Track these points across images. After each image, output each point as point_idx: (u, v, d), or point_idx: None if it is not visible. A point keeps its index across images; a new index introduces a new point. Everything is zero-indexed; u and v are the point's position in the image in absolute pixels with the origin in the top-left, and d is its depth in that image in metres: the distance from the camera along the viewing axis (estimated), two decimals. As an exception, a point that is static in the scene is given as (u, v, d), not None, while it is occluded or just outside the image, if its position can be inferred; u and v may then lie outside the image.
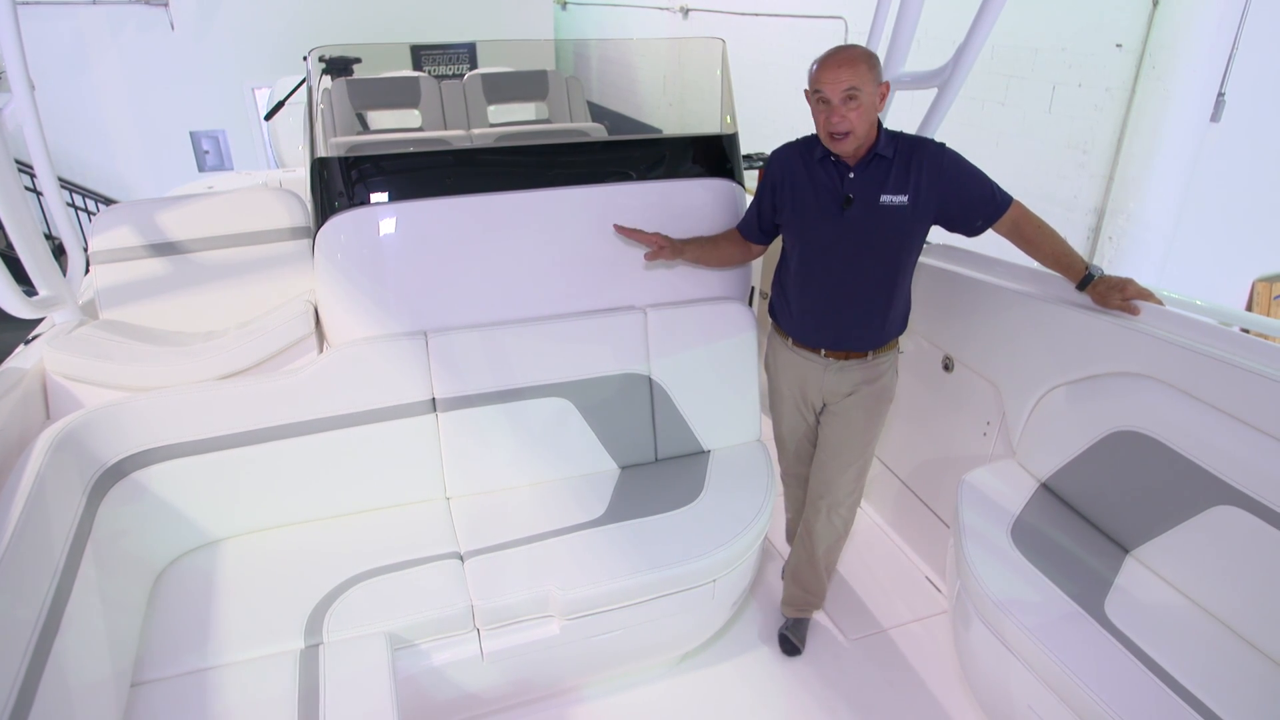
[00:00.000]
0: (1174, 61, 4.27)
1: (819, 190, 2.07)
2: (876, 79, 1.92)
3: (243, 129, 9.79)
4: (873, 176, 2.01)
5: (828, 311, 2.14)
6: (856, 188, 2.02)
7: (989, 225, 2.04)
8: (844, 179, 2.03)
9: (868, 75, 1.89)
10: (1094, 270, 2.04)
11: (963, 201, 2.02)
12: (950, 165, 2.00)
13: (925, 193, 1.98)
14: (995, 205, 2.02)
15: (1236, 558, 1.72)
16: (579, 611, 2.01)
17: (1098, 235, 4.85)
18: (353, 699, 1.68)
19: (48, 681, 1.38)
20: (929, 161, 1.98)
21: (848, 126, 1.92)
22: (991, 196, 2.02)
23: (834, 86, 1.90)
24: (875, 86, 1.92)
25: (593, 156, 2.53)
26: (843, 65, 1.89)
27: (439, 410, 2.26)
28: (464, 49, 5.32)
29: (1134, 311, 1.99)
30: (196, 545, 2.13)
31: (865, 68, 1.89)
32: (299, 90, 5.15)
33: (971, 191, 2.01)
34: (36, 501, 1.60)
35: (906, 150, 2.00)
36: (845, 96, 1.89)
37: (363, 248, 2.24)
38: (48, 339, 2.23)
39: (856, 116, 1.91)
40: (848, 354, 2.14)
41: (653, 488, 2.36)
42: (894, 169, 2.00)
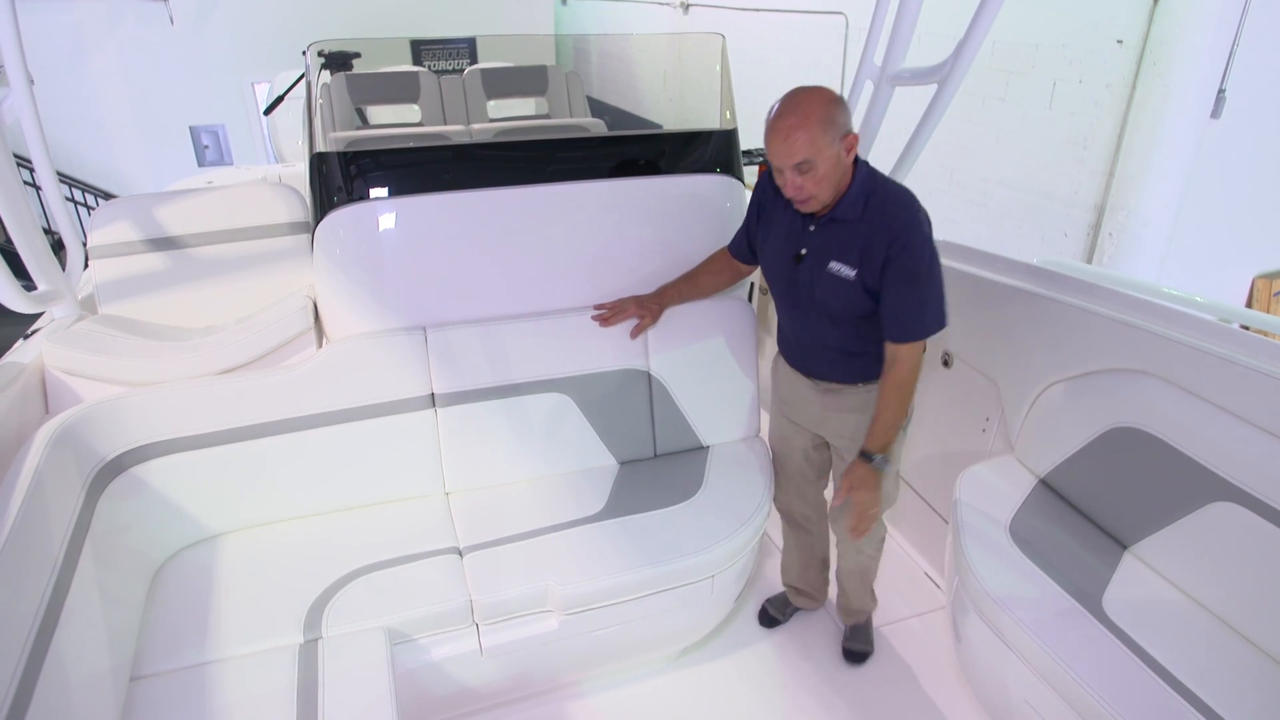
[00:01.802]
0: (1174, 57, 4.26)
1: (782, 233, 1.96)
2: (836, 136, 1.70)
3: (242, 124, 9.78)
4: (828, 238, 1.84)
5: (801, 344, 2.07)
6: (811, 244, 1.88)
7: (890, 338, 1.84)
8: (804, 230, 1.90)
9: (822, 138, 1.68)
10: (877, 460, 1.91)
11: (886, 298, 1.80)
12: (900, 265, 1.76)
13: (870, 273, 1.79)
14: (910, 326, 1.80)
15: (1234, 554, 1.72)
16: (577, 606, 2.01)
17: (1097, 232, 4.85)
18: (351, 693, 1.68)
19: (47, 675, 1.38)
20: (887, 244, 1.75)
21: (804, 195, 1.76)
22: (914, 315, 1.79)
23: (784, 159, 1.71)
24: (835, 146, 1.70)
25: (592, 152, 2.53)
26: (792, 133, 1.68)
27: (438, 405, 2.26)
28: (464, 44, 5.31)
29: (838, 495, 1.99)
30: (195, 540, 2.13)
31: (819, 130, 1.67)
32: (298, 85, 5.14)
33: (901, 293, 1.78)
34: (35, 496, 1.60)
35: (873, 218, 1.78)
36: (797, 168, 1.72)
37: (362, 243, 2.24)
38: (47, 333, 2.23)
39: (813, 184, 1.73)
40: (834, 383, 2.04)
41: (651, 483, 2.36)
42: (851, 236, 1.80)
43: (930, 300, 1.81)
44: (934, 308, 1.82)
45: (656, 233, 2.44)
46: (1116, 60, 4.54)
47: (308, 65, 3.14)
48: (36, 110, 2.23)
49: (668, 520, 2.18)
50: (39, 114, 2.24)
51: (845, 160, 1.76)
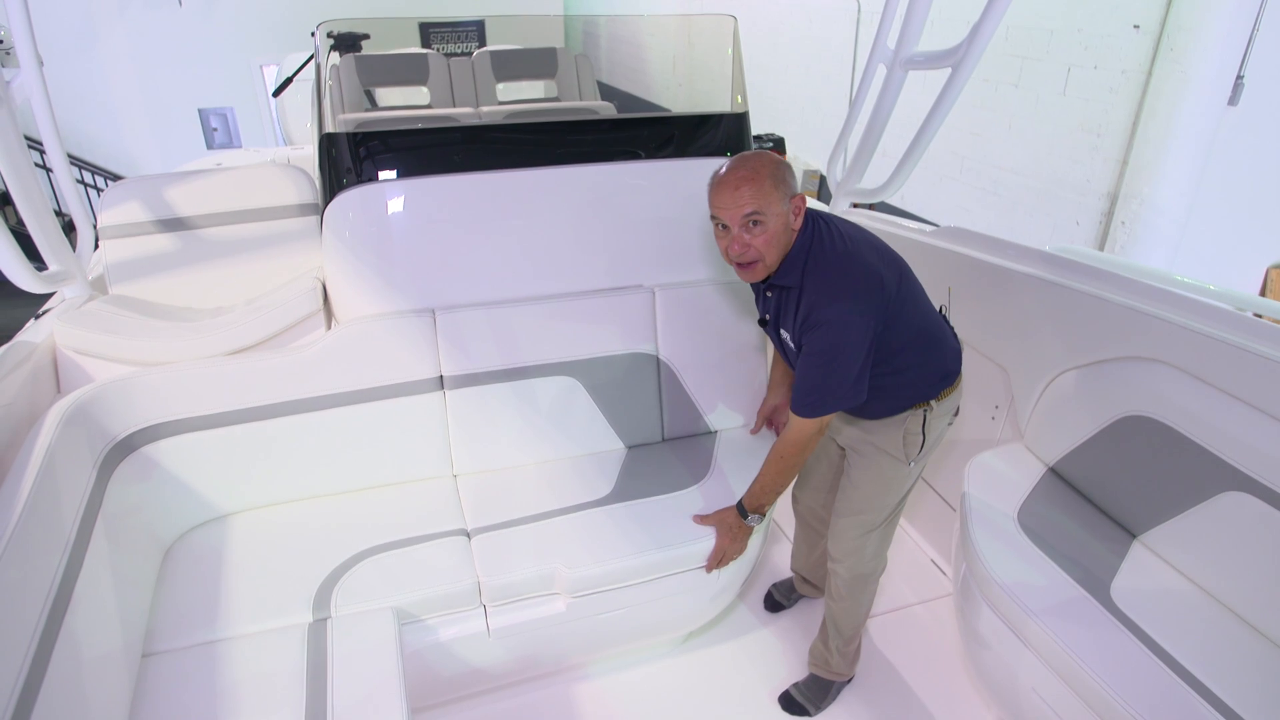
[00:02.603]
0: (1192, 43, 4.20)
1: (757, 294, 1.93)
2: (785, 195, 1.66)
3: (251, 106, 9.78)
4: (777, 305, 1.81)
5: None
6: (769, 310, 1.85)
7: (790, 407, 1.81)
8: (763, 296, 1.86)
9: (774, 193, 1.64)
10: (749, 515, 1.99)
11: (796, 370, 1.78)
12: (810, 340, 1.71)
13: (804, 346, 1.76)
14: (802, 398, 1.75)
15: (1245, 544, 1.71)
16: (584, 589, 2.02)
17: (1110, 220, 4.81)
18: (360, 672, 1.70)
19: (60, 651, 1.39)
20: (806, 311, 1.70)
21: (753, 255, 1.68)
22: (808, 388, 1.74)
23: (733, 211, 1.65)
24: (784, 205, 1.66)
25: (602, 134, 2.51)
26: (743, 184, 1.63)
27: (446, 388, 2.26)
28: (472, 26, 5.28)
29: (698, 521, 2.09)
30: (205, 519, 2.15)
31: (770, 184, 1.63)
32: (307, 67, 5.13)
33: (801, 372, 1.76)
34: (47, 474, 1.61)
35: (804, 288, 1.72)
36: (747, 221, 1.66)
37: (370, 224, 2.24)
38: (58, 313, 2.24)
39: (762, 243, 1.67)
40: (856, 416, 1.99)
41: (659, 468, 2.36)
42: (792, 305, 1.75)
43: (828, 384, 1.71)
44: (830, 391, 1.72)
45: (666, 216, 2.43)
46: (1133, 46, 4.48)
47: (317, 46, 3.13)
48: (47, 92, 2.23)
49: (675, 505, 2.18)
50: (49, 95, 2.24)
51: (793, 224, 1.71)
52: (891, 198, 2.93)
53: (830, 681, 2.22)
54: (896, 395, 1.86)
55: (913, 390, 1.87)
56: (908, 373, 1.84)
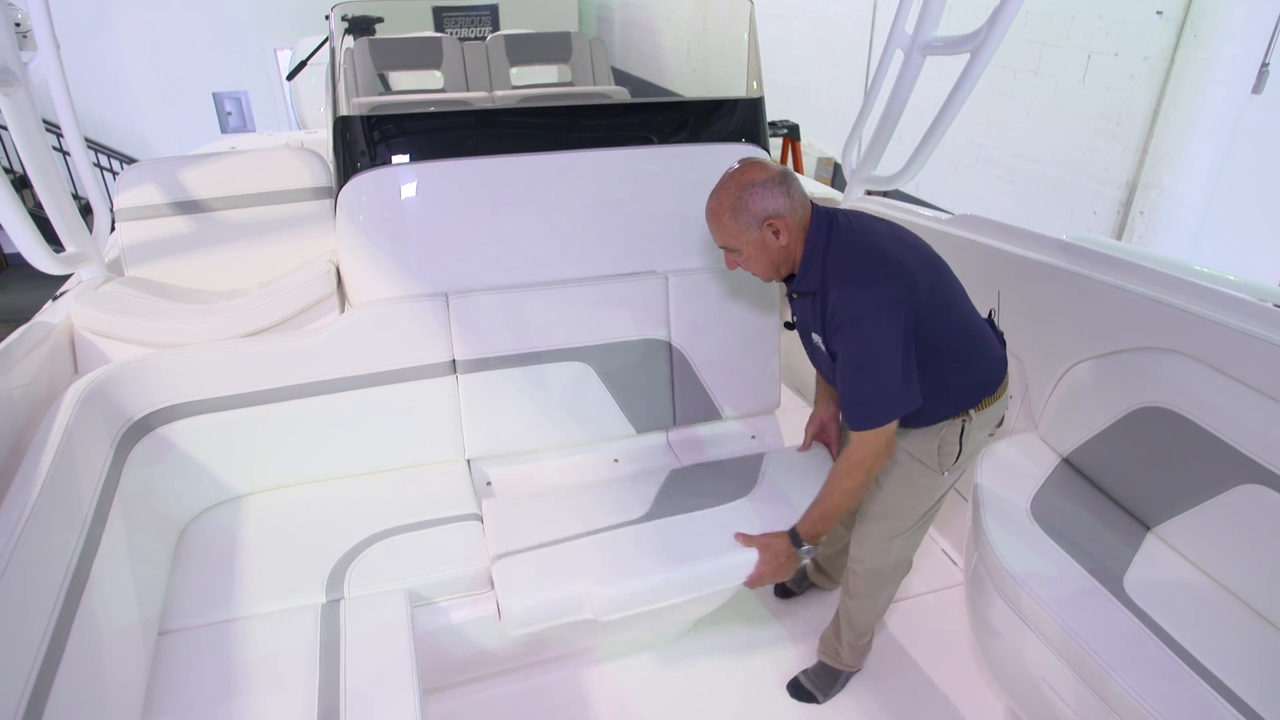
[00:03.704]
0: (1216, 30, 4.13)
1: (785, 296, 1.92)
2: (750, 224, 1.65)
3: (265, 90, 9.79)
4: (802, 309, 1.82)
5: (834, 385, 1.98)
6: (797, 313, 1.86)
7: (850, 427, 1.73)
8: (789, 298, 1.87)
9: (733, 227, 1.66)
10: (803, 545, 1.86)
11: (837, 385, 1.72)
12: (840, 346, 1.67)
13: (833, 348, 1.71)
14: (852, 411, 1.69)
15: (1260, 536, 1.70)
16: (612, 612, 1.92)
17: (1128, 210, 4.75)
18: (373, 653, 1.71)
19: (78, 629, 1.41)
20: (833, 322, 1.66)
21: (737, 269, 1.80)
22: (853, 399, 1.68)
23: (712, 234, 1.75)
24: (753, 232, 1.66)
25: (616, 119, 2.50)
26: (709, 220, 1.72)
27: (459, 372, 2.27)
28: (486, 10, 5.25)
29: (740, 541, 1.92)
30: (220, 500, 2.17)
31: (729, 218, 1.66)
32: (321, 50, 5.12)
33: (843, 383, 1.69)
34: (65, 454, 1.63)
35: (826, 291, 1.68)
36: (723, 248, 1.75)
37: (384, 208, 2.24)
38: (75, 295, 2.26)
39: (745, 263, 1.74)
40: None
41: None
42: (816, 309, 1.72)
43: (871, 387, 1.64)
44: (877, 396, 1.64)
45: (680, 202, 2.42)
46: (1155, 32, 4.41)
47: (331, 30, 3.13)
48: (64, 75, 2.24)
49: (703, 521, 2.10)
50: (66, 78, 2.25)
51: (778, 241, 1.67)
52: (906, 185, 2.91)
53: (839, 671, 2.22)
54: (934, 403, 1.75)
55: (952, 399, 1.79)
56: (946, 379, 1.75)
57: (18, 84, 1.98)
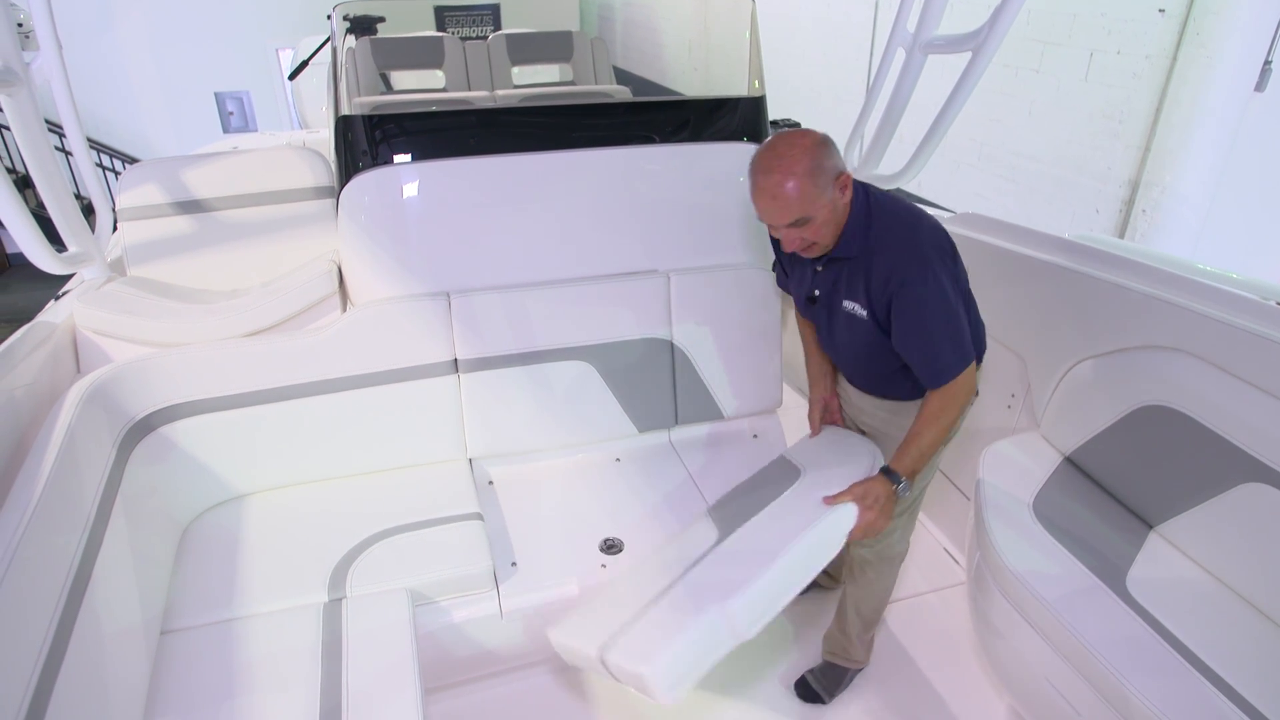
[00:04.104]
0: (1219, 28, 4.12)
1: (795, 273, 1.90)
2: (824, 186, 1.58)
3: (266, 90, 9.79)
4: (835, 278, 1.77)
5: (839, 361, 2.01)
6: (821, 285, 1.82)
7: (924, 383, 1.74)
8: (812, 272, 1.83)
9: (812, 193, 1.56)
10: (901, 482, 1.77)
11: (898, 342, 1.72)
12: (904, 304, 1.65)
13: (882, 307, 1.70)
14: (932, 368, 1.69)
15: (1264, 535, 1.69)
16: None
17: (1131, 208, 4.74)
18: (375, 651, 1.72)
19: (81, 628, 1.41)
20: (887, 277, 1.65)
21: (804, 247, 1.68)
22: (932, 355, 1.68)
23: (776, 220, 1.61)
24: (828, 193, 1.59)
25: (617, 118, 2.50)
26: (779, 196, 1.57)
27: (461, 371, 2.27)
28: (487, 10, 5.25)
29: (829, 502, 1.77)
30: (222, 500, 2.17)
31: (809, 183, 1.55)
32: (323, 50, 5.13)
33: (910, 336, 1.68)
34: (68, 453, 1.63)
35: (873, 252, 1.67)
36: (790, 226, 1.62)
37: (386, 207, 2.24)
38: (77, 294, 2.26)
39: (813, 234, 1.64)
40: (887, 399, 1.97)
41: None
42: (855, 274, 1.71)
43: (943, 337, 1.66)
44: (951, 345, 1.66)
45: (682, 201, 2.42)
46: (1158, 30, 4.40)
47: (333, 29, 3.13)
48: (67, 75, 2.24)
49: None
50: (69, 78, 2.25)
51: (843, 200, 1.65)
52: (908, 184, 2.90)
53: (845, 669, 2.22)
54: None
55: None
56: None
57: (20, 84, 1.99)
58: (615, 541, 2.14)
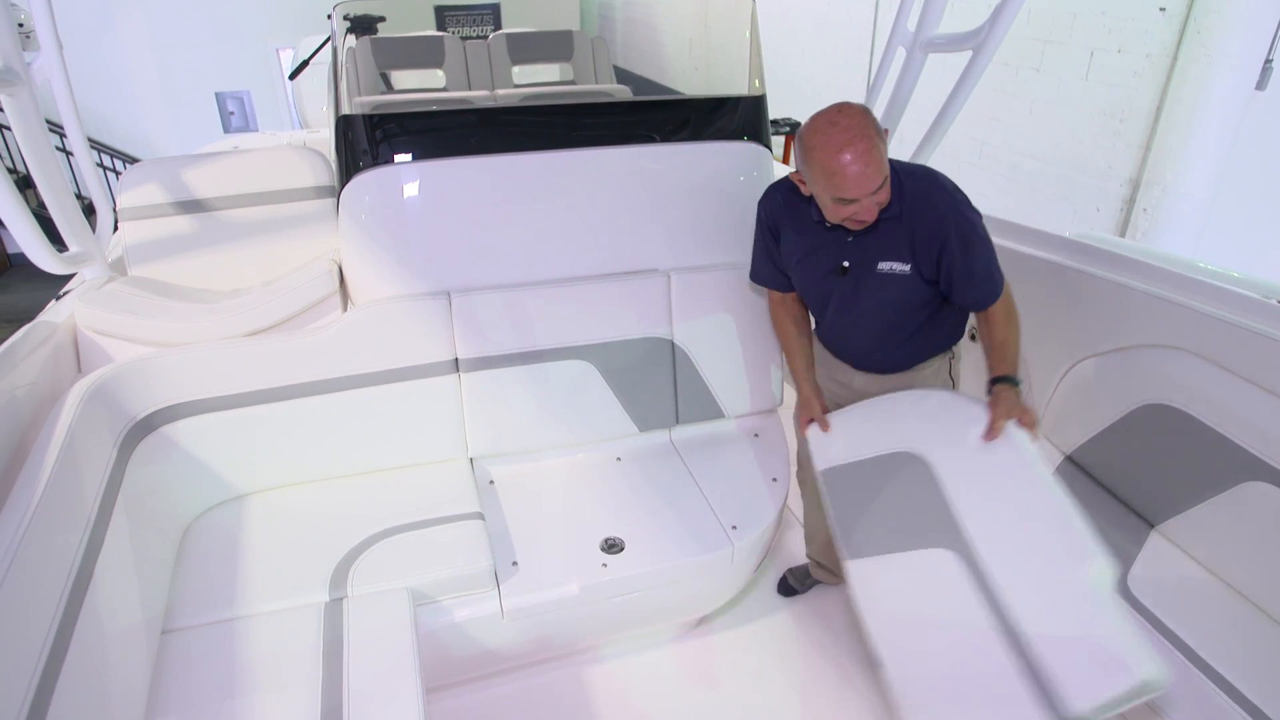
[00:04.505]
0: (1220, 26, 4.12)
1: (814, 250, 1.92)
2: (885, 140, 1.71)
3: (267, 90, 9.79)
4: (871, 242, 1.82)
5: (844, 339, 2.05)
6: (853, 253, 1.86)
7: (980, 308, 1.84)
8: (841, 243, 1.87)
9: (884, 153, 1.68)
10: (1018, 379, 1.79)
11: (959, 277, 1.80)
12: (959, 240, 1.75)
13: (928, 259, 1.79)
14: (992, 286, 1.81)
15: (1265, 533, 1.69)
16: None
17: (1132, 207, 4.74)
18: (376, 651, 1.72)
19: (82, 627, 1.42)
20: (936, 226, 1.76)
21: (874, 214, 1.74)
22: (989, 276, 1.80)
23: (866, 189, 1.66)
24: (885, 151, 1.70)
25: (618, 117, 2.50)
26: (868, 165, 1.63)
27: (461, 370, 2.27)
28: (488, 10, 5.25)
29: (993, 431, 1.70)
30: (223, 499, 2.17)
31: (880, 143, 1.65)
32: (323, 50, 5.12)
33: (972, 267, 1.78)
34: (69, 453, 1.63)
35: (912, 207, 1.77)
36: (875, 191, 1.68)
37: (386, 207, 2.24)
38: (78, 294, 2.26)
39: (884, 196, 1.72)
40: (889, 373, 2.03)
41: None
42: (894, 233, 1.79)
43: (992, 256, 1.81)
44: (996, 265, 1.82)
45: (683, 200, 2.42)
46: (1159, 29, 4.39)
47: (333, 29, 3.13)
48: (67, 74, 2.24)
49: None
50: (69, 78, 2.25)
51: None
52: (909, 183, 2.90)
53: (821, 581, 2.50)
54: (938, 334, 1.98)
55: (949, 330, 1.99)
56: (950, 312, 1.94)
57: (21, 84, 1.98)
58: (616, 541, 2.14)
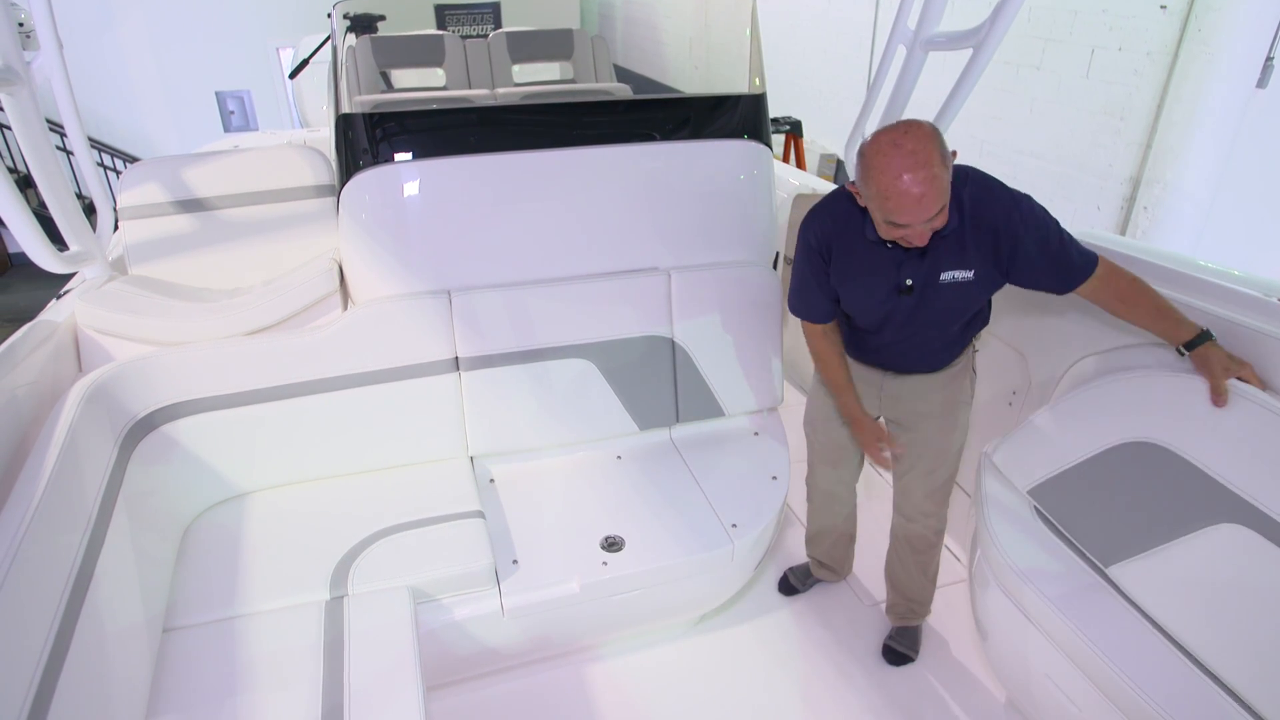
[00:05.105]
0: (1220, 24, 4.11)
1: (872, 272, 1.86)
2: (950, 165, 1.61)
3: (267, 89, 9.79)
4: (935, 255, 1.78)
5: (892, 351, 2.02)
6: (915, 269, 1.81)
7: (1079, 282, 1.78)
8: (902, 262, 1.81)
9: (946, 182, 1.59)
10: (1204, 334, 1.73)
11: (1038, 269, 1.77)
12: (1027, 232, 1.72)
13: (995, 262, 1.77)
14: (1084, 257, 1.76)
15: None
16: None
17: (1132, 205, 4.73)
18: (376, 650, 1.72)
19: (83, 626, 1.42)
20: (1000, 228, 1.72)
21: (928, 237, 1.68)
22: (1077, 249, 1.76)
23: (917, 217, 1.60)
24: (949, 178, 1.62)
25: (618, 116, 2.50)
26: (927, 194, 1.56)
27: (462, 369, 2.27)
28: (488, 8, 5.25)
29: (1221, 395, 1.65)
30: (224, 498, 2.18)
31: (943, 172, 1.57)
32: (323, 49, 5.13)
33: (1049, 255, 1.75)
34: (69, 452, 1.63)
35: (974, 214, 1.73)
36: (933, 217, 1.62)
37: (387, 206, 2.24)
38: (79, 293, 2.26)
39: (940, 221, 1.65)
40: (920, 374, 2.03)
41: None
42: (956, 243, 1.75)
43: (1066, 236, 1.77)
44: (1072, 240, 1.77)
45: (683, 199, 2.42)
46: (1159, 27, 4.39)
47: (333, 28, 3.13)
48: (67, 74, 2.24)
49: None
50: (69, 77, 2.25)
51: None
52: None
53: (919, 626, 2.39)
54: (973, 329, 2.01)
55: (980, 323, 2.02)
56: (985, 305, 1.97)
57: (21, 83, 1.99)
58: (616, 539, 2.14)
